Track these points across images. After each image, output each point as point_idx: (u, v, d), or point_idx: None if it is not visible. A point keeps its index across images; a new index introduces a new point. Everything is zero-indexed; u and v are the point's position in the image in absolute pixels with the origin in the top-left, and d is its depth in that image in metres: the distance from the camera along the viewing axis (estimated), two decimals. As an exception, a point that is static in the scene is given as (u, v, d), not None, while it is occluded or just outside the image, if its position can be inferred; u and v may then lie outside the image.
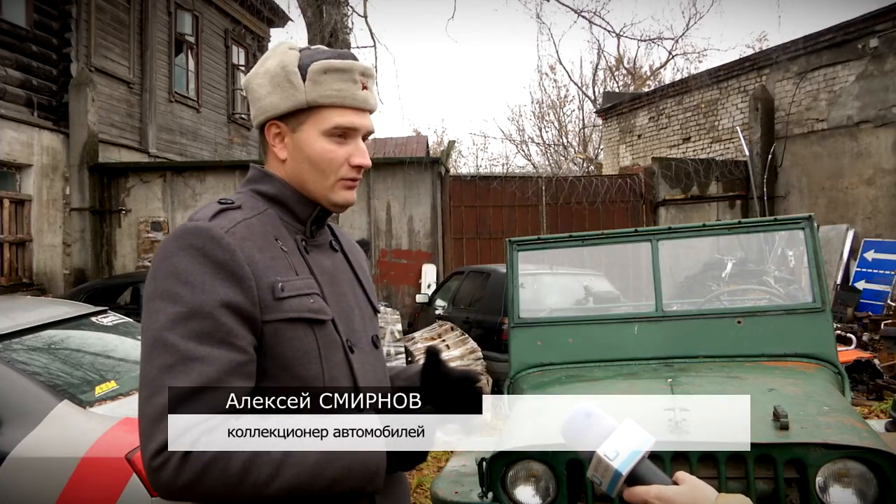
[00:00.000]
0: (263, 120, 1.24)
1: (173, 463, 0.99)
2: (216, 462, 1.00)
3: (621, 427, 1.01)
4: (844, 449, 2.17)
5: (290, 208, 1.25)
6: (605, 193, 11.42)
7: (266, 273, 1.13)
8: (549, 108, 26.46)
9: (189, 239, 1.11)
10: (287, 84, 1.20)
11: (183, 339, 1.04)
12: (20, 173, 10.09)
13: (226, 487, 1.01)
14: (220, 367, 1.05)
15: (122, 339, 3.73)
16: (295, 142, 1.23)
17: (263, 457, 1.01)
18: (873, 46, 10.26)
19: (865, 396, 6.32)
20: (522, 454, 2.43)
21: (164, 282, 1.09)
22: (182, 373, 1.03)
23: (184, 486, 1.00)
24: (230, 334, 1.07)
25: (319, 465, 1.03)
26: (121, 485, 2.57)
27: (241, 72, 16.47)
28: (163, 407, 1.01)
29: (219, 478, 1.00)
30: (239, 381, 1.06)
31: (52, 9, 10.47)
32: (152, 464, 1.00)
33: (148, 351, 1.06)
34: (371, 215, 11.10)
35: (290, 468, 1.02)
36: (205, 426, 1.01)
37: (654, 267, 3.31)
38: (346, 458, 1.05)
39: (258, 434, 1.02)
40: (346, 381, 1.20)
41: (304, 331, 1.15)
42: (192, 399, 1.01)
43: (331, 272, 1.27)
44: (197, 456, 0.99)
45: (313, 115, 1.21)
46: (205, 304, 1.06)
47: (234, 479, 1.01)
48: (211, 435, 1.01)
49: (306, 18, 8.59)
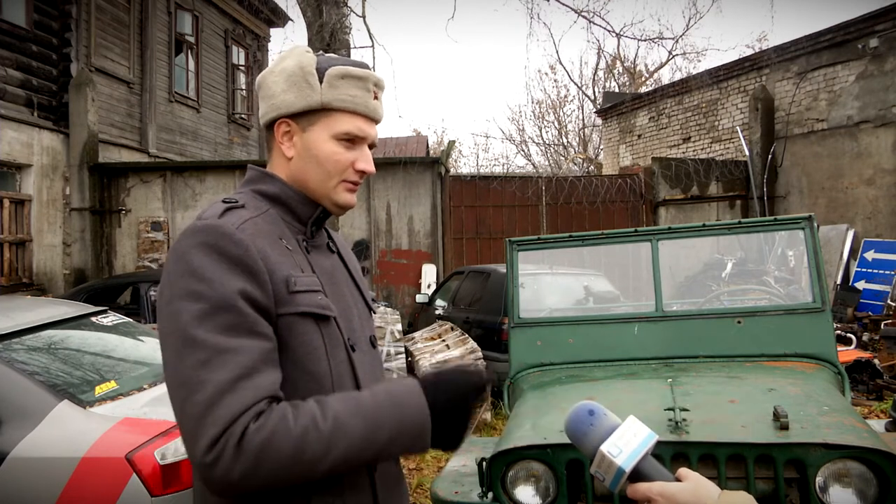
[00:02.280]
0: (275, 116, 1.26)
1: (228, 454, 0.99)
2: (269, 445, 1.00)
3: (625, 424, 1.02)
4: (844, 449, 2.17)
5: (292, 208, 1.27)
6: (605, 193, 11.42)
7: (279, 267, 1.15)
8: (550, 108, 26.48)
9: (201, 237, 1.12)
10: (304, 84, 1.23)
11: (212, 334, 1.04)
12: (20, 173, 10.09)
13: (282, 470, 1.02)
14: (254, 355, 1.06)
15: (122, 339, 3.73)
16: (304, 141, 1.25)
17: (313, 433, 1.03)
18: (873, 46, 10.26)
19: (865, 396, 6.32)
20: (522, 454, 2.43)
21: (181, 281, 1.09)
22: (219, 366, 1.03)
23: (241, 476, 1.00)
24: (256, 324, 1.08)
25: (368, 433, 1.06)
26: (121, 485, 2.57)
27: (241, 72, 16.48)
28: (206, 402, 1.01)
29: (275, 460, 1.01)
30: (272, 369, 1.08)
31: (52, 9, 10.47)
32: (206, 459, 1.00)
33: (177, 351, 1.05)
34: (371, 215, 11.10)
35: (342, 440, 1.04)
36: (252, 412, 1.01)
37: (654, 267, 3.31)
38: (392, 421, 1.08)
39: (302, 415, 1.04)
40: (349, 380, 1.22)
41: (312, 327, 1.17)
42: (233, 389, 1.02)
43: (330, 272, 1.29)
44: (249, 443, 1.00)
45: (325, 118, 1.24)
46: (226, 297, 1.07)
47: (289, 461, 1.01)
48: (258, 421, 1.01)
49: (306, 18, 8.60)
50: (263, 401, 1.03)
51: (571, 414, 1.05)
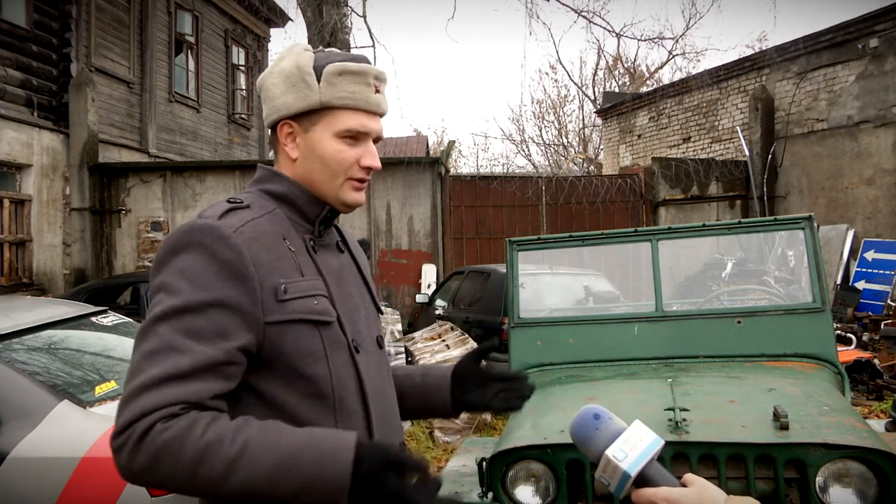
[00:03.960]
0: (276, 119, 1.25)
1: (129, 445, 1.00)
2: (168, 448, 1.00)
3: (630, 428, 1.01)
4: (844, 449, 2.17)
5: (300, 207, 1.26)
6: (605, 193, 11.42)
7: (271, 274, 1.14)
8: (550, 108, 26.48)
9: (197, 236, 1.12)
10: (302, 84, 1.22)
11: (171, 331, 1.06)
12: (20, 173, 10.09)
13: (181, 476, 1.01)
14: (196, 361, 1.05)
15: (122, 339, 3.72)
16: (307, 141, 1.24)
17: (217, 451, 1.01)
18: (873, 46, 10.26)
19: (865, 396, 6.32)
20: (522, 454, 2.43)
21: (166, 276, 1.11)
22: (159, 361, 1.04)
23: (140, 469, 1.01)
24: (219, 334, 1.08)
25: (275, 473, 1.01)
26: (121, 485, 2.57)
27: (241, 72, 16.49)
28: (133, 390, 1.03)
29: (171, 465, 1.00)
30: (213, 379, 1.06)
31: (52, 9, 10.47)
32: (112, 444, 1.02)
33: (139, 338, 1.08)
34: (371, 215, 11.10)
35: (243, 470, 1.00)
36: (162, 412, 1.01)
37: (654, 267, 3.31)
38: (306, 469, 1.01)
39: (214, 430, 1.02)
40: (352, 381, 1.21)
41: (308, 331, 1.16)
42: (160, 386, 1.02)
43: (338, 272, 1.28)
44: (150, 441, 1.00)
45: (326, 116, 1.23)
46: (202, 301, 1.08)
47: (187, 472, 1.01)
48: (167, 422, 1.01)
49: (306, 18, 8.60)
50: (180, 405, 1.02)
51: (576, 417, 1.05)
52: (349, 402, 1.20)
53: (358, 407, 1.22)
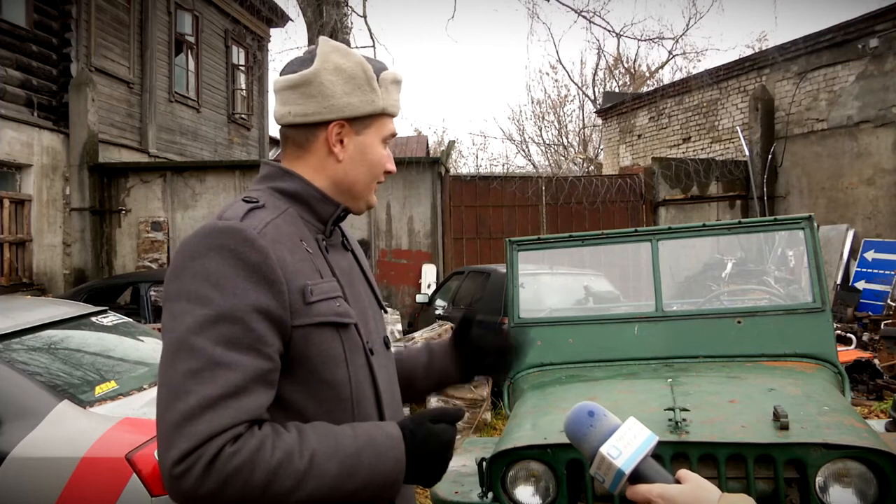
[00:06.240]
0: (331, 119, 1.21)
1: (197, 471, 0.96)
2: (241, 472, 0.98)
3: (625, 425, 1.02)
4: (844, 449, 2.17)
5: (313, 207, 1.23)
6: (605, 193, 11.42)
7: (296, 276, 1.11)
8: (550, 108, 26.48)
9: (221, 239, 1.07)
10: (369, 88, 1.22)
11: (211, 344, 1.01)
12: (20, 173, 10.09)
13: (247, 498, 0.99)
14: (247, 374, 1.02)
15: (122, 339, 3.73)
16: (358, 144, 1.24)
17: (287, 468, 1.00)
18: (873, 46, 10.25)
19: (865, 396, 6.31)
20: (522, 454, 2.43)
21: (191, 283, 1.05)
22: (208, 379, 1.00)
23: (205, 496, 0.98)
24: (259, 341, 1.04)
25: (340, 478, 1.04)
26: (121, 485, 2.57)
27: (241, 72, 16.48)
28: (186, 413, 0.98)
29: (241, 488, 0.98)
30: (263, 390, 1.04)
31: (52, 9, 10.47)
32: (174, 471, 0.97)
33: (172, 353, 1.03)
34: (371, 215, 11.09)
35: (313, 480, 1.02)
36: (230, 434, 0.99)
37: (654, 267, 3.31)
38: (366, 471, 1.07)
39: (281, 448, 1.02)
40: (368, 384, 1.21)
41: (331, 335, 1.14)
42: (217, 406, 0.99)
43: (348, 272, 1.26)
44: (222, 465, 0.97)
45: (378, 121, 1.25)
46: (236, 309, 1.03)
47: (257, 491, 0.99)
48: (235, 444, 0.99)
49: (306, 18, 8.60)
50: (243, 424, 1.00)
51: (571, 415, 1.05)
52: (365, 406, 1.20)
53: (373, 410, 1.21)
